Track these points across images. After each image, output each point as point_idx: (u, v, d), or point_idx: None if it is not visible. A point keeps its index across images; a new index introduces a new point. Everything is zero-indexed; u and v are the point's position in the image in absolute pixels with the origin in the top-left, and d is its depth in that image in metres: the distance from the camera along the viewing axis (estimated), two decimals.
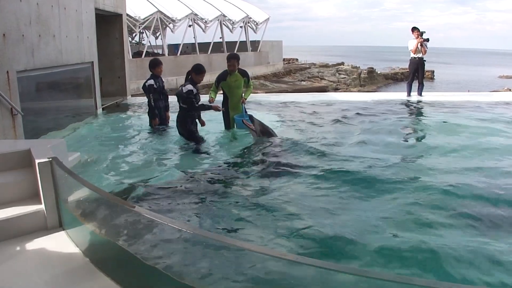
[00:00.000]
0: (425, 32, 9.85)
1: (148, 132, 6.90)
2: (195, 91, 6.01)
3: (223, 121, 6.92)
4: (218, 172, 4.84)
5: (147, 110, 7.04)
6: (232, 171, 4.92)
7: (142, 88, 6.88)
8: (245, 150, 5.82)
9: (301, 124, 7.48)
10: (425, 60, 10.19)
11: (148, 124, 7.05)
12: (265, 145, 5.85)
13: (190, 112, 6.09)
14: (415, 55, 10.03)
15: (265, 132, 6.18)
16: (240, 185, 4.39)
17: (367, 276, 1.59)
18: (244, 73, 6.74)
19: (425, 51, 9.96)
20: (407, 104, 9.61)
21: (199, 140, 6.11)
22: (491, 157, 5.25)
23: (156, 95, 6.79)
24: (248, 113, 6.70)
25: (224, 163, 5.24)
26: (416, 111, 8.89)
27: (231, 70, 6.57)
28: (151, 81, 6.74)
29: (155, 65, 6.86)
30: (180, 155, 5.74)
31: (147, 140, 6.45)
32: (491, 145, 5.80)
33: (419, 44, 9.85)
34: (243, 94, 6.73)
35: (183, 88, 6.00)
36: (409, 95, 10.40)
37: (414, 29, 9.96)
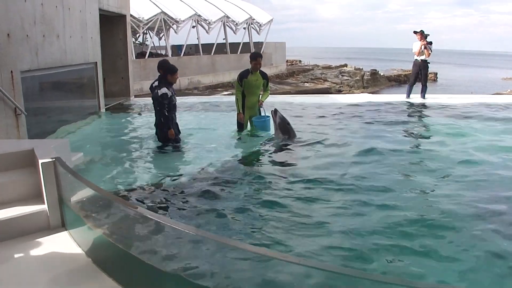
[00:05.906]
0: (429, 35, 9.88)
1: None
2: (169, 93, 5.64)
3: (236, 122, 6.77)
4: (225, 174, 4.81)
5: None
6: (240, 172, 4.89)
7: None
8: (257, 152, 5.85)
9: (304, 125, 7.46)
10: (429, 63, 10.20)
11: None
12: (280, 147, 5.90)
13: (170, 114, 5.72)
14: (418, 57, 10.04)
15: (284, 129, 6.17)
16: (247, 188, 4.37)
17: (371, 279, 1.58)
18: (264, 75, 6.76)
19: (429, 54, 9.97)
20: (407, 106, 9.57)
21: (176, 140, 5.87)
22: (496, 160, 5.21)
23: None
24: (266, 114, 6.73)
25: (233, 164, 5.23)
26: (418, 113, 8.83)
27: (256, 69, 6.56)
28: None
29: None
30: (185, 156, 5.73)
31: (150, 141, 6.44)
32: (495, 148, 5.76)
33: (423, 46, 9.88)
34: (260, 96, 6.74)
35: (158, 90, 5.65)
36: (408, 97, 10.40)
37: (417, 32, 9.99)
